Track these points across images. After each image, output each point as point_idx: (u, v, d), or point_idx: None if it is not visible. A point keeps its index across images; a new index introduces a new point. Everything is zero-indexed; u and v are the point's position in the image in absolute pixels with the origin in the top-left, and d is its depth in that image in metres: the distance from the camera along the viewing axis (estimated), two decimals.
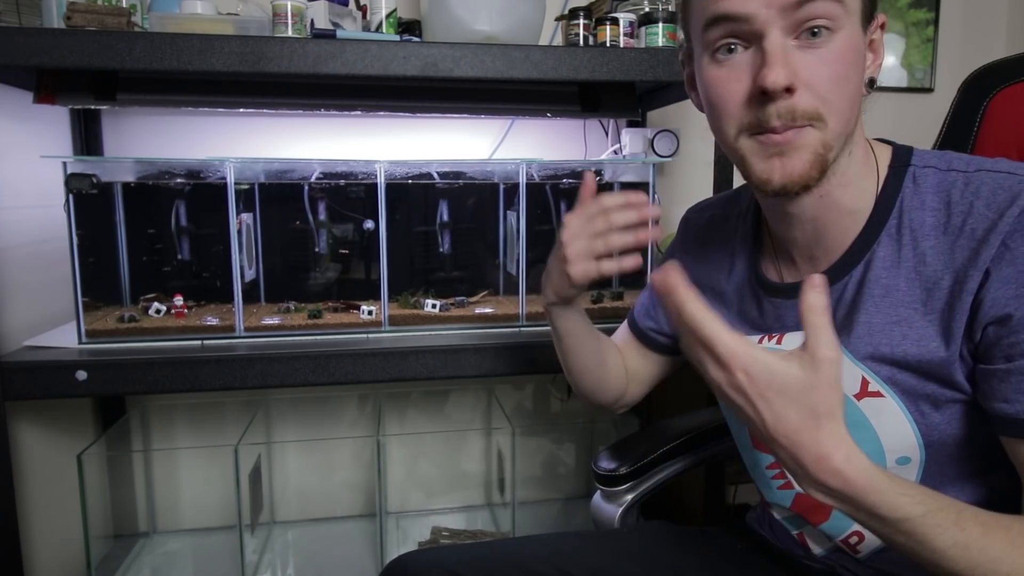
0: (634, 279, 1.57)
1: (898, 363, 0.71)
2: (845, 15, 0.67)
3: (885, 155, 0.77)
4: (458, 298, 1.49)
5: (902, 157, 0.76)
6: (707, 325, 0.57)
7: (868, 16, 0.70)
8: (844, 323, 0.75)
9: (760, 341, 0.83)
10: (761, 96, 0.67)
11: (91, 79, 1.42)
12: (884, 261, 0.73)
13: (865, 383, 0.74)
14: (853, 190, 0.74)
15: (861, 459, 0.57)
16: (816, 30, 0.66)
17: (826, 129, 0.68)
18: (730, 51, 0.70)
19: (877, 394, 0.73)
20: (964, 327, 0.68)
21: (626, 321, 1.07)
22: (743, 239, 0.89)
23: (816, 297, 0.57)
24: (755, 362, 0.57)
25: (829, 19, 0.66)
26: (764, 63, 0.66)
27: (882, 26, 0.73)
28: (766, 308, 0.84)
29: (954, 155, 0.74)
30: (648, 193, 1.49)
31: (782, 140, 0.69)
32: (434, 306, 1.44)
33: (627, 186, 1.58)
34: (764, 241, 0.86)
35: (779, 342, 0.82)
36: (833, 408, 0.57)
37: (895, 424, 0.73)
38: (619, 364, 1.04)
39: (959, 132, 1.03)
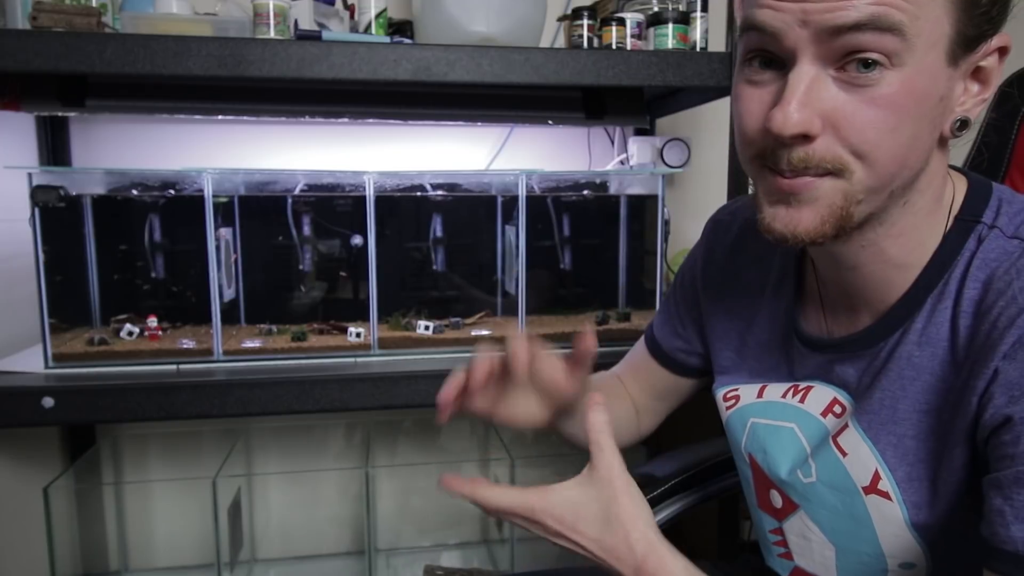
0: (641, 297, 1.56)
1: (922, 461, 0.66)
2: (907, 50, 0.56)
3: (958, 197, 0.68)
4: (453, 319, 1.48)
5: (973, 208, 0.67)
6: (502, 500, 0.67)
7: (965, 42, 0.59)
8: (866, 393, 0.70)
9: (785, 394, 0.80)
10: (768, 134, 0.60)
11: (58, 84, 1.42)
12: (921, 335, 0.66)
13: (877, 478, 0.68)
14: (907, 241, 0.67)
15: (675, 561, 0.64)
16: (868, 62, 0.56)
17: (852, 179, 0.60)
18: (766, 64, 0.62)
19: (885, 496, 0.68)
20: (966, 429, 0.62)
21: (642, 342, 1.02)
22: (783, 257, 0.84)
23: (598, 416, 0.64)
24: (557, 505, 0.66)
25: (882, 52, 0.56)
26: (781, 97, 0.59)
27: (1001, 51, 0.62)
28: (796, 356, 0.80)
29: None
30: (657, 207, 1.49)
31: (788, 187, 0.61)
32: (427, 328, 1.44)
33: (634, 199, 1.57)
34: (806, 269, 0.81)
35: (803, 400, 0.77)
36: (634, 514, 0.65)
37: (898, 530, 0.69)
38: (626, 406, 1.02)
39: (995, 137, 1.01)
